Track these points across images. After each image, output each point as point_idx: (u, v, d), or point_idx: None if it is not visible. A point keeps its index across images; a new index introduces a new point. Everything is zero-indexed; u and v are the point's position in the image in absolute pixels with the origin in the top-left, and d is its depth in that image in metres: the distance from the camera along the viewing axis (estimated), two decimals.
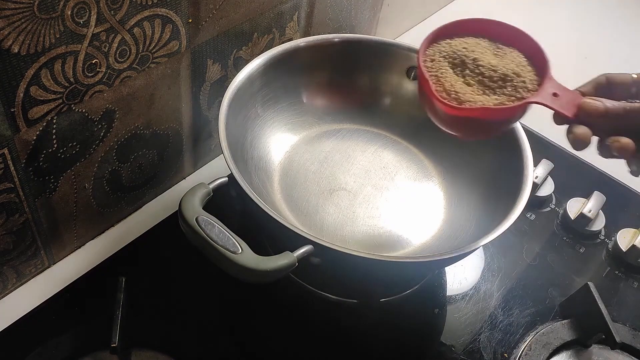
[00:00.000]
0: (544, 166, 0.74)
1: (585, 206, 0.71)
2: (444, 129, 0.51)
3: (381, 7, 0.86)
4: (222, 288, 0.62)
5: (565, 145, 0.81)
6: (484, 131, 0.51)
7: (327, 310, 0.61)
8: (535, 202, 0.73)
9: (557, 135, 0.82)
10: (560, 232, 0.71)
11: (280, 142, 0.67)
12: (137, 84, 0.55)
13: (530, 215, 0.73)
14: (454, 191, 0.65)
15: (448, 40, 0.51)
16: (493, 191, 0.60)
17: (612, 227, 0.71)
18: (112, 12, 0.47)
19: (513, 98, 0.47)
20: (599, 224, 0.71)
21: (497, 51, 0.50)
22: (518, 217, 0.52)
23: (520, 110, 0.47)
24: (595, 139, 0.45)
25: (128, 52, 0.51)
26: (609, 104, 0.44)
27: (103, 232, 0.64)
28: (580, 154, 0.80)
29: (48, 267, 0.60)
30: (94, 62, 0.49)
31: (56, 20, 0.43)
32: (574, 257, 0.69)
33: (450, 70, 0.49)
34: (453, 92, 0.47)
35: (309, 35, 0.74)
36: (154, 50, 0.54)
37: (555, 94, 0.46)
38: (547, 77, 0.47)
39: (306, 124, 0.69)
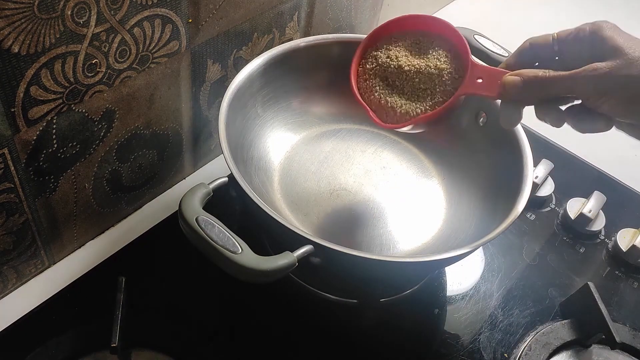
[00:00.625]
0: (544, 166, 0.74)
1: (585, 206, 0.71)
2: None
3: (381, 7, 0.86)
4: (222, 288, 0.62)
5: (565, 145, 0.82)
6: (428, 126, 0.53)
7: (327, 310, 0.61)
8: (535, 202, 0.73)
9: (557, 135, 0.82)
10: (560, 232, 0.71)
11: (280, 142, 0.67)
12: (137, 84, 0.55)
13: (530, 215, 0.73)
14: (454, 191, 0.65)
15: (374, 53, 0.53)
16: (493, 191, 0.60)
17: (612, 227, 0.71)
18: (112, 12, 0.47)
19: (445, 92, 0.50)
20: (599, 224, 0.71)
21: (419, 51, 0.52)
22: (518, 217, 0.52)
23: (454, 103, 0.50)
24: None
25: (128, 52, 0.51)
26: (526, 75, 0.46)
27: (103, 232, 0.64)
28: (580, 154, 0.81)
29: (48, 267, 0.60)
30: (94, 62, 0.49)
31: (56, 20, 0.43)
32: (574, 257, 0.69)
33: (383, 85, 0.52)
34: (390, 109, 0.51)
35: (309, 35, 0.74)
36: (154, 50, 0.54)
37: (479, 78, 0.48)
38: (469, 64, 0.49)
39: (306, 124, 0.69)
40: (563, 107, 0.47)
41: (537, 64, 0.48)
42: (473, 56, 0.50)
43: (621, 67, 0.42)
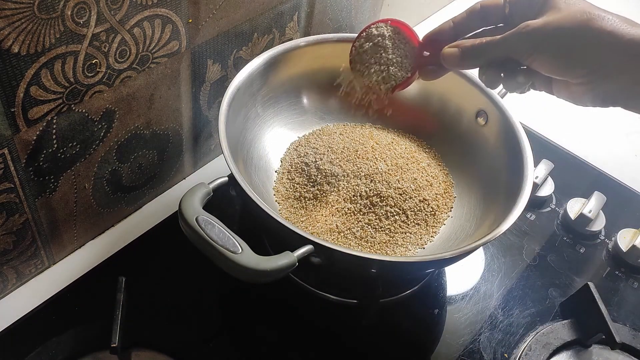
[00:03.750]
0: (544, 166, 0.74)
1: (586, 206, 0.71)
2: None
3: (381, 7, 0.86)
4: (222, 288, 0.62)
5: (565, 145, 0.82)
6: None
7: (327, 310, 0.61)
8: (535, 202, 0.73)
9: (557, 135, 0.82)
10: (560, 232, 0.71)
11: (280, 141, 0.67)
12: (137, 84, 0.55)
13: (530, 216, 0.73)
14: (455, 191, 0.65)
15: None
16: (493, 191, 0.60)
17: (612, 227, 0.71)
18: (112, 12, 0.47)
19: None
20: (599, 224, 0.71)
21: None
22: (518, 217, 0.52)
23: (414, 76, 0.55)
24: None
25: (128, 52, 0.51)
26: (463, 46, 0.46)
27: (103, 232, 0.64)
28: (580, 154, 0.81)
29: (48, 267, 0.60)
30: (94, 62, 0.49)
31: (56, 20, 0.43)
32: (574, 257, 0.69)
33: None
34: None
35: (309, 35, 0.74)
36: (154, 51, 0.54)
37: (426, 52, 0.52)
38: (416, 42, 0.53)
39: (306, 123, 0.69)
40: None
41: (482, 29, 0.48)
42: (420, 35, 0.53)
43: (553, 21, 0.42)
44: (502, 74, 0.46)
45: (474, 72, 0.52)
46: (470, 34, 0.49)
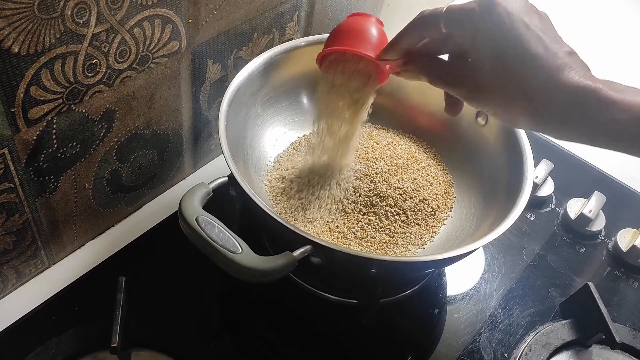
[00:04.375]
0: (544, 166, 0.74)
1: (586, 206, 0.71)
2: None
3: (381, 7, 0.86)
4: (222, 288, 0.62)
5: (565, 145, 0.81)
6: None
7: (327, 310, 0.61)
8: (535, 202, 0.73)
9: None
10: (560, 232, 0.71)
11: (280, 142, 0.67)
12: (137, 84, 0.55)
13: (530, 216, 0.73)
14: (455, 191, 0.65)
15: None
16: (493, 191, 0.60)
17: (612, 227, 0.71)
18: (112, 12, 0.47)
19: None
20: (599, 224, 0.71)
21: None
22: (518, 217, 0.52)
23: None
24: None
25: (128, 52, 0.51)
26: (423, 67, 0.48)
27: (103, 232, 0.64)
28: (580, 154, 0.81)
29: (48, 267, 0.60)
30: (94, 62, 0.49)
31: (56, 20, 0.43)
32: (574, 257, 0.69)
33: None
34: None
35: (309, 35, 0.74)
36: (154, 51, 0.54)
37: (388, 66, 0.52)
38: (371, 60, 0.52)
39: (306, 123, 0.69)
40: None
41: (425, 39, 0.48)
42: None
43: (486, 86, 0.42)
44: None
45: None
46: (423, 42, 0.49)
